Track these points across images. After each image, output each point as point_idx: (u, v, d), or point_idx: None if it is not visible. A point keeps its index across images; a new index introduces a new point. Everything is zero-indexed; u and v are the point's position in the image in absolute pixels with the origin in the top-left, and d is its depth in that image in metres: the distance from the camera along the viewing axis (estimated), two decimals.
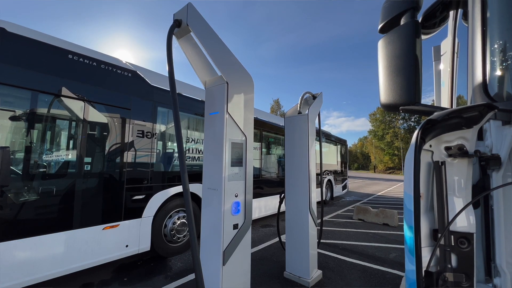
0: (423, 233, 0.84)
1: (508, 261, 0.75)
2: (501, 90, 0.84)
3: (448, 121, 0.81)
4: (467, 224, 0.82)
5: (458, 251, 0.81)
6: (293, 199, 3.62)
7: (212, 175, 2.33)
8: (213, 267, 2.20)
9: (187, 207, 1.57)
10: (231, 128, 2.32)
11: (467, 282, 0.79)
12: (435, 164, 0.84)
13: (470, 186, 0.84)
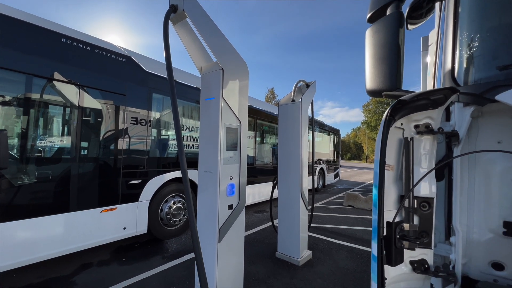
0: (393, 199, 0.97)
1: (461, 221, 0.89)
2: (466, 76, 0.95)
3: (416, 102, 0.92)
4: (428, 191, 0.95)
5: (420, 213, 0.94)
6: (286, 184, 3.77)
7: (208, 159, 2.43)
8: (209, 244, 2.34)
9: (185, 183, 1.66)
10: (226, 113, 2.41)
11: (426, 238, 0.94)
12: (404, 140, 0.97)
13: (434, 159, 0.97)
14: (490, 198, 0.85)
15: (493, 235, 0.84)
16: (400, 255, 0.86)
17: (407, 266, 1.00)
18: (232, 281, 2.44)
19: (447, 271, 0.93)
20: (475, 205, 0.88)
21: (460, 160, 0.91)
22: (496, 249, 0.84)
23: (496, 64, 0.82)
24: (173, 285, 2.93)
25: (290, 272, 3.32)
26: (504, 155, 0.83)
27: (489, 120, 0.88)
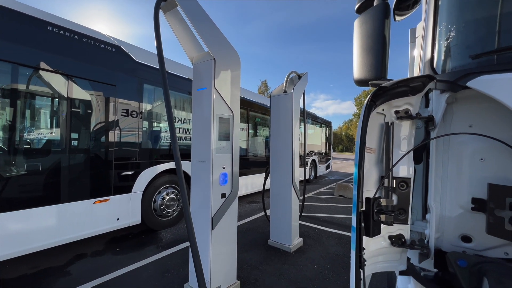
0: (374, 180, 1.04)
1: (435, 200, 0.97)
2: (444, 65, 1.02)
3: (397, 89, 0.98)
4: (406, 172, 1.03)
5: (399, 192, 1.02)
6: (278, 174, 3.85)
7: (200, 149, 2.46)
8: (203, 232, 2.40)
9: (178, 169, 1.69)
10: (219, 103, 2.43)
11: (403, 215, 1.02)
12: (386, 125, 1.03)
13: (412, 143, 1.04)
14: (461, 177, 0.93)
15: (463, 211, 0.93)
16: (378, 227, 0.94)
17: (386, 241, 1.08)
18: (225, 267, 2.52)
19: (422, 244, 1.01)
20: (448, 184, 0.96)
21: (436, 144, 0.99)
22: (465, 224, 0.93)
23: (469, 53, 0.88)
24: (168, 272, 3.00)
25: (282, 258, 3.44)
26: (474, 138, 0.91)
27: (462, 105, 0.95)
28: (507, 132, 0.84)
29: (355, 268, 0.81)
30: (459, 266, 0.84)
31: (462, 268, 0.83)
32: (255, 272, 3.04)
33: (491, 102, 0.80)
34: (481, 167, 0.89)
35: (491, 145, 0.87)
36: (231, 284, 2.57)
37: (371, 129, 1.05)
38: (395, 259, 1.10)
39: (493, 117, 0.88)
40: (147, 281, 2.80)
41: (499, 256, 0.87)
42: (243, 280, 2.83)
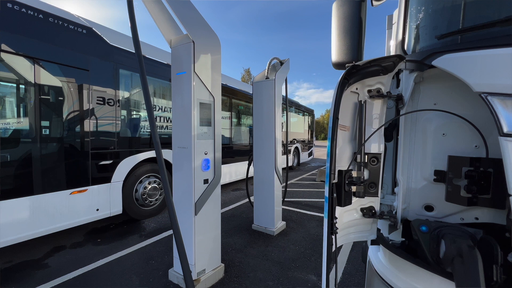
0: (347, 156, 1.10)
1: (403, 173, 1.05)
2: (414, 46, 1.07)
3: (369, 68, 1.03)
4: (377, 148, 1.09)
5: (370, 167, 1.09)
6: (261, 160, 3.90)
7: (181, 134, 2.43)
8: (186, 217, 2.41)
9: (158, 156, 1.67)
10: (199, 88, 2.38)
11: (374, 188, 1.09)
12: (359, 103, 1.08)
13: (383, 121, 1.10)
14: (425, 152, 1.01)
15: (426, 183, 1.01)
16: (349, 198, 1.01)
17: (358, 213, 1.16)
18: (210, 251, 2.56)
19: (390, 215, 1.10)
20: (414, 159, 1.03)
21: (404, 121, 1.05)
22: (428, 194, 1.01)
23: (435, 34, 0.93)
24: (152, 259, 3.00)
25: (266, 241, 3.55)
26: (437, 115, 0.97)
27: (428, 85, 1.01)
28: (466, 108, 0.91)
29: (327, 234, 0.86)
30: (421, 232, 0.92)
31: (424, 233, 0.92)
32: (240, 255, 3.12)
33: (453, 81, 0.86)
34: (443, 141, 0.97)
35: (452, 121, 0.94)
36: (216, 267, 2.63)
37: (346, 108, 1.10)
38: (366, 229, 1.19)
39: (455, 95, 0.95)
40: (131, 269, 2.79)
41: (456, 221, 0.97)
42: (228, 263, 2.90)
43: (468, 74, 0.78)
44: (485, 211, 0.91)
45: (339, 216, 1.09)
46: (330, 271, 0.89)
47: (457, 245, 0.74)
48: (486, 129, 0.86)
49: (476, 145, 0.91)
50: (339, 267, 2.89)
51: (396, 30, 1.15)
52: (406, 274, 0.97)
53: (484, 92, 0.74)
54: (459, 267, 0.68)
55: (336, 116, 0.89)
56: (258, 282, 2.58)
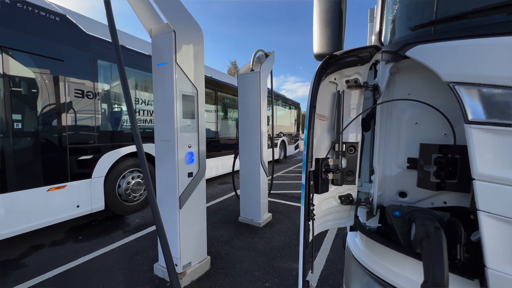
0: (326, 145, 1.13)
1: (379, 161, 1.09)
2: (391, 37, 1.09)
3: (347, 58, 1.04)
4: (355, 138, 1.13)
5: (348, 155, 1.12)
6: (247, 153, 3.90)
7: (164, 127, 2.37)
8: (171, 211, 2.39)
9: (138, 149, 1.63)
10: (181, 79, 2.33)
11: (351, 176, 1.13)
12: (337, 93, 1.10)
13: (361, 110, 1.14)
14: (400, 141, 1.05)
15: (400, 170, 1.05)
16: (326, 185, 1.04)
17: (337, 200, 1.20)
18: (195, 244, 2.56)
19: (367, 202, 1.14)
20: (389, 147, 1.07)
21: (380, 112, 1.08)
22: (402, 181, 1.06)
23: (409, 25, 0.96)
24: (137, 255, 2.96)
25: (252, 232, 3.59)
26: (411, 104, 1.01)
27: (403, 75, 1.04)
28: (437, 98, 0.95)
29: (304, 220, 0.89)
30: (395, 216, 0.97)
31: (397, 218, 0.96)
32: (226, 247, 3.14)
33: (426, 71, 0.89)
34: (416, 130, 1.01)
35: (424, 110, 0.98)
36: (202, 259, 2.64)
37: (324, 98, 1.11)
38: (344, 216, 1.23)
39: (427, 85, 0.99)
40: (114, 265, 2.74)
41: (427, 206, 1.02)
42: (214, 255, 2.92)
43: (438, 64, 0.81)
44: (452, 195, 0.96)
45: (318, 204, 1.12)
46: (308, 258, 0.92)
47: (425, 227, 0.78)
48: (454, 118, 0.90)
49: (445, 133, 0.96)
50: (323, 255, 2.98)
51: (374, 21, 1.17)
52: (381, 258, 1.01)
53: (452, 82, 0.78)
54: (426, 247, 0.72)
55: (313, 105, 0.90)
56: (244, 272, 2.61)
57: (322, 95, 1.10)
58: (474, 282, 0.79)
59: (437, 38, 0.85)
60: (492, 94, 0.72)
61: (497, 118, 0.71)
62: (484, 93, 0.73)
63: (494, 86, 0.71)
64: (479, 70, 0.73)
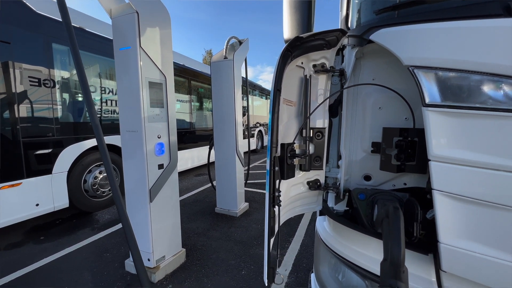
0: (294, 132, 1.12)
1: (345, 147, 1.11)
2: (357, 22, 1.09)
3: (313, 42, 1.03)
4: (322, 123, 1.13)
5: (315, 141, 1.13)
6: (222, 143, 3.83)
7: (130, 117, 2.23)
8: (141, 205, 2.28)
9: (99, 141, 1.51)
10: (147, 65, 2.18)
11: (319, 162, 1.14)
12: (304, 78, 1.09)
13: (328, 95, 1.14)
14: (365, 125, 1.07)
15: (365, 154, 1.08)
16: (292, 171, 1.04)
17: (305, 186, 1.21)
18: (169, 237, 2.49)
19: (334, 186, 1.17)
20: (355, 132, 1.09)
21: (347, 97, 1.09)
22: (366, 165, 1.09)
23: (374, 9, 0.96)
24: (107, 252, 2.82)
25: (229, 223, 3.58)
26: (375, 90, 1.03)
27: (368, 60, 1.05)
28: (399, 82, 0.98)
29: (268, 206, 0.88)
30: (359, 199, 0.99)
31: (361, 200, 0.99)
32: (202, 239, 3.11)
33: (389, 56, 0.90)
34: (379, 114, 1.03)
35: (387, 95, 1.00)
36: (177, 252, 2.58)
37: (292, 83, 1.09)
38: (313, 201, 1.25)
39: (390, 70, 1.01)
40: (81, 264, 2.59)
41: (389, 188, 1.06)
42: (190, 247, 2.87)
43: (399, 48, 0.82)
44: (412, 176, 1.01)
45: (286, 190, 1.12)
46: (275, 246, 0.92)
47: (386, 208, 0.81)
48: (414, 102, 0.93)
49: (406, 117, 0.99)
50: (298, 240, 3.07)
51: (341, 5, 1.16)
52: (347, 240, 1.04)
53: (411, 66, 0.79)
54: (386, 227, 0.75)
55: (277, 88, 0.88)
56: (220, 262, 2.61)
57: (290, 79, 1.07)
58: (429, 256, 0.84)
59: (399, 22, 0.85)
60: (447, 77, 0.75)
61: (451, 101, 0.74)
62: (440, 77, 0.75)
63: (449, 69, 0.73)
64: (436, 53, 0.75)
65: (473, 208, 0.71)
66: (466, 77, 0.72)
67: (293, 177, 1.04)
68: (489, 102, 0.69)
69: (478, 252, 0.71)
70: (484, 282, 0.73)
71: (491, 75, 0.68)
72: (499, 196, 0.67)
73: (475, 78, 0.71)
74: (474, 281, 0.74)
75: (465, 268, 0.74)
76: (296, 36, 0.97)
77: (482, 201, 0.68)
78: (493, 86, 0.69)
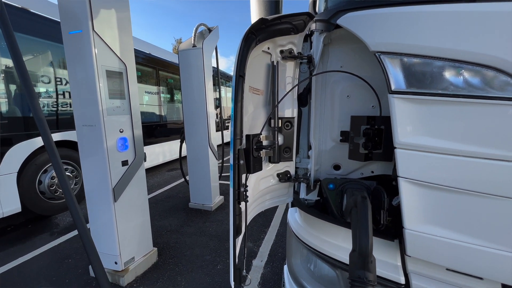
0: (261, 121, 1.07)
1: (315, 137, 1.09)
2: (325, 6, 1.05)
3: (279, 25, 0.97)
4: (291, 112, 1.09)
5: (284, 131, 1.09)
6: (193, 136, 3.68)
7: (86, 110, 2.01)
8: (105, 205, 2.10)
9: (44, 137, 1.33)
10: (103, 52, 1.96)
11: (288, 153, 1.11)
12: (271, 65, 1.03)
13: (296, 83, 1.10)
14: (334, 114, 1.05)
15: (334, 144, 1.07)
16: (258, 164, 1.00)
17: (275, 179, 1.18)
18: (138, 237, 2.35)
19: (305, 177, 1.15)
20: (324, 122, 1.07)
21: (315, 85, 1.06)
22: (336, 154, 1.08)
23: None
24: (69, 258, 2.59)
25: (203, 217, 3.50)
26: (343, 77, 1.01)
27: (336, 47, 1.03)
28: (366, 70, 0.96)
29: (233, 203, 0.83)
30: (329, 189, 0.98)
31: (331, 190, 0.98)
32: (175, 236, 2.99)
33: (357, 43, 0.87)
34: (347, 103, 1.02)
35: (355, 83, 0.99)
36: (147, 252, 2.45)
37: (259, 70, 1.03)
38: (284, 194, 1.23)
39: (358, 57, 0.99)
40: (39, 273, 2.35)
41: (358, 176, 1.07)
42: (163, 246, 2.75)
43: (366, 33, 0.79)
44: (378, 164, 1.02)
45: (255, 184, 1.07)
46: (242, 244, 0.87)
47: (354, 197, 0.80)
48: (381, 90, 0.93)
49: (373, 105, 0.98)
50: (273, 230, 3.10)
51: None
52: (317, 230, 1.04)
53: (378, 52, 0.77)
54: (354, 217, 0.74)
55: (240, 74, 0.81)
56: (195, 258, 2.54)
57: (256, 66, 1.01)
58: (395, 242, 0.85)
59: (366, 5, 0.82)
60: (412, 63, 0.74)
61: (415, 87, 0.73)
62: (405, 63, 0.74)
63: (414, 55, 0.72)
64: (401, 39, 0.73)
65: (436, 194, 0.72)
66: (430, 63, 0.71)
67: (260, 170, 0.99)
68: (450, 89, 0.69)
69: (440, 236, 0.73)
70: (445, 264, 0.76)
71: (452, 61, 0.68)
72: (461, 181, 0.68)
73: (437, 64, 0.70)
74: (437, 263, 0.77)
75: (428, 252, 0.76)
76: (260, 18, 0.90)
77: (445, 186, 0.70)
78: (454, 72, 0.70)
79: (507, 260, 0.68)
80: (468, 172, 0.67)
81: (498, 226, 0.68)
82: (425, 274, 0.82)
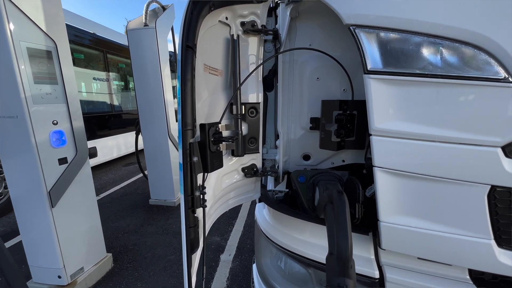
0: (221, 108, 0.92)
1: (283, 125, 0.98)
2: None
3: None
4: (256, 97, 0.96)
5: (249, 119, 0.96)
6: (150, 127, 3.35)
7: (4, 98, 1.61)
8: (39, 212, 1.77)
9: None
10: (22, 26, 1.57)
11: (254, 144, 0.99)
12: (231, 39, 0.88)
13: (260, 62, 0.97)
14: (302, 99, 0.96)
15: (304, 132, 0.98)
16: (218, 159, 0.85)
17: (239, 174, 1.05)
18: (86, 246, 2.05)
19: (273, 170, 1.05)
20: (292, 108, 0.97)
21: (282, 66, 0.94)
22: (305, 143, 1.00)
23: None
24: None
25: (166, 214, 3.26)
26: (313, 57, 0.91)
27: (304, 22, 0.91)
28: (336, 49, 0.87)
29: (185, 213, 0.68)
30: (299, 182, 0.90)
31: (302, 183, 0.90)
32: (134, 237, 2.73)
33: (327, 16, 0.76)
34: (317, 86, 0.93)
35: (326, 64, 0.89)
36: (100, 260, 2.17)
37: (215, 44, 0.87)
38: (250, 189, 1.11)
39: (328, 33, 0.89)
40: None
41: (328, 166, 1.01)
42: (119, 250, 2.48)
43: (340, 3, 0.68)
44: (349, 153, 0.96)
45: (216, 181, 0.93)
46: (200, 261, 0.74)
47: (329, 192, 0.71)
48: (353, 71, 0.84)
49: (344, 89, 0.90)
50: (241, 221, 3.02)
51: None
52: (288, 227, 0.95)
53: (353, 25, 0.67)
54: (330, 213, 0.65)
55: (188, 44, 0.64)
56: (157, 260, 2.34)
57: (212, 39, 0.84)
58: (369, 235, 0.80)
59: None
60: (390, 39, 0.65)
61: (393, 66, 0.65)
62: (383, 39, 0.66)
63: (392, 29, 0.64)
64: (379, 10, 0.64)
65: (415, 183, 0.67)
66: (408, 39, 0.63)
67: (221, 167, 0.84)
68: (429, 68, 0.63)
69: (415, 227, 0.69)
70: (418, 254, 0.73)
71: (432, 36, 0.61)
72: (442, 168, 0.63)
73: (416, 41, 0.63)
74: (410, 254, 0.73)
75: (402, 244, 0.72)
76: None
77: (424, 175, 0.64)
78: (433, 50, 0.63)
79: (473, 246, 0.67)
80: (448, 159, 0.62)
81: (468, 212, 0.65)
82: (398, 265, 0.79)
